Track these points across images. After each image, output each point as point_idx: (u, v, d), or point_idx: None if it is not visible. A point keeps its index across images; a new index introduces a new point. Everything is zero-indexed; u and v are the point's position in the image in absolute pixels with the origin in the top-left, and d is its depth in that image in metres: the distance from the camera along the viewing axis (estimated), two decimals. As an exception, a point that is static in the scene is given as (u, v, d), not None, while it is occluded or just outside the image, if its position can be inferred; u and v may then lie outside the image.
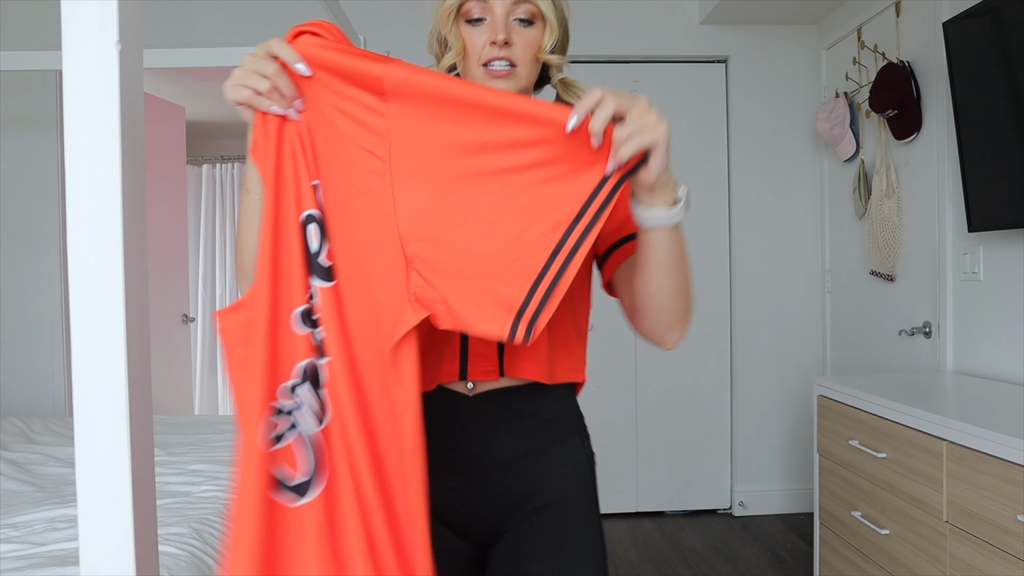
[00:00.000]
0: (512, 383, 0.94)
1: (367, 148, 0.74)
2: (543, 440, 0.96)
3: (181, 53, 2.14)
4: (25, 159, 2.94)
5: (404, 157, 0.74)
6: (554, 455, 0.96)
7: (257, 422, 0.71)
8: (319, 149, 0.77)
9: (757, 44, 3.15)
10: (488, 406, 0.94)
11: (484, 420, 0.94)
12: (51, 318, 2.95)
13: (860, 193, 2.78)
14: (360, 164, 0.75)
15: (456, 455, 0.94)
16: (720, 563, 2.66)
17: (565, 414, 0.99)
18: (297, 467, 0.73)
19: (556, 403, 0.97)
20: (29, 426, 2.38)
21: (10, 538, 1.39)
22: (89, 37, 0.57)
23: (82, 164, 0.58)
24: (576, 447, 0.99)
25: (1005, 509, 1.40)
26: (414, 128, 0.73)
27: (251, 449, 0.71)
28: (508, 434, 0.94)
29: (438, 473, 0.86)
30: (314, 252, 0.76)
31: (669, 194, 0.75)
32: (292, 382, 0.74)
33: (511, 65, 0.90)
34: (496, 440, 0.94)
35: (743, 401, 3.19)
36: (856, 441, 1.94)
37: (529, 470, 0.95)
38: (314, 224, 0.76)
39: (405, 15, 3.01)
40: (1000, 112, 1.91)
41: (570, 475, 0.97)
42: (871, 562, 1.89)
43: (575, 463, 0.98)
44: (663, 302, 0.84)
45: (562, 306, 0.88)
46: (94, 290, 0.59)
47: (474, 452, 0.93)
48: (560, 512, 0.95)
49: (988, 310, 2.13)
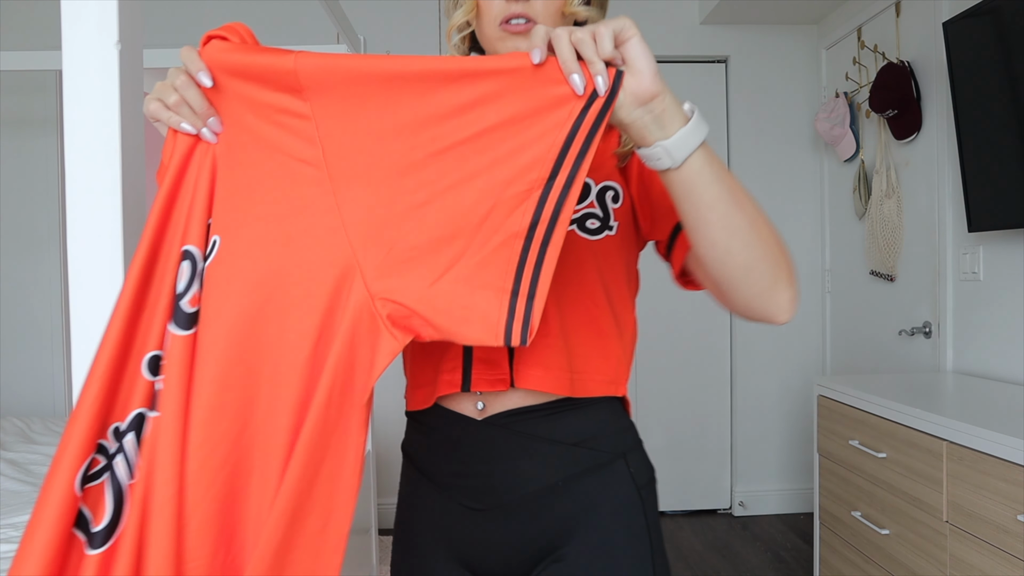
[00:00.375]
0: (527, 401, 0.78)
1: (299, 158, 0.64)
2: (573, 469, 0.78)
3: (181, 53, 2.13)
4: (25, 159, 2.93)
5: (341, 159, 0.64)
6: (590, 487, 0.78)
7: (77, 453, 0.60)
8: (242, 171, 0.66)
9: (757, 44, 3.15)
10: (500, 431, 0.78)
11: (498, 446, 0.78)
12: (51, 318, 2.95)
13: (860, 193, 2.78)
14: (295, 177, 0.64)
15: (469, 488, 0.79)
16: (720, 563, 2.66)
17: (602, 433, 0.80)
18: (99, 514, 0.61)
19: (589, 421, 0.79)
20: (29, 426, 2.37)
21: (10, 538, 1.39)
22: (89, 37, 0.57)
23: (82, 164, 0.58)
24: (621, 474, 0.80)
25: (1005, 509, 1.40)
26: (344, 123, 0.63)
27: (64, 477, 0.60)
28: (528, 464, 0.77)
29: (449, 505, 0.77)
30: (179, 293, 0.64)
31: (676, 107, 0.60)
32: (123, 426, 0.63)
33: (528, 21, 0.76)
34: (514, 472, 0.77)
35: (743, 401, 3.19)
36: (856, 441, 1.94)
37: (557, 507, 0.77)
38: (188, 263, 0.64)
39: (405, 15, 3.01)
40: (1000, 112, 1.91)
41: (613, 511, 0.78)
42: (871, 562, 1.89)
43: (620, 495, 0.79)
44: (741, 254, 0.65)
45: (590, 290, 0.78)
46: (94, 290, 0.59)
47: (492, 486, 0.78)
48: (600, 558, 0.77)
49: (988, 310, 2.13)
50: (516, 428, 0.77)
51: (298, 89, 0.62)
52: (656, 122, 0.60)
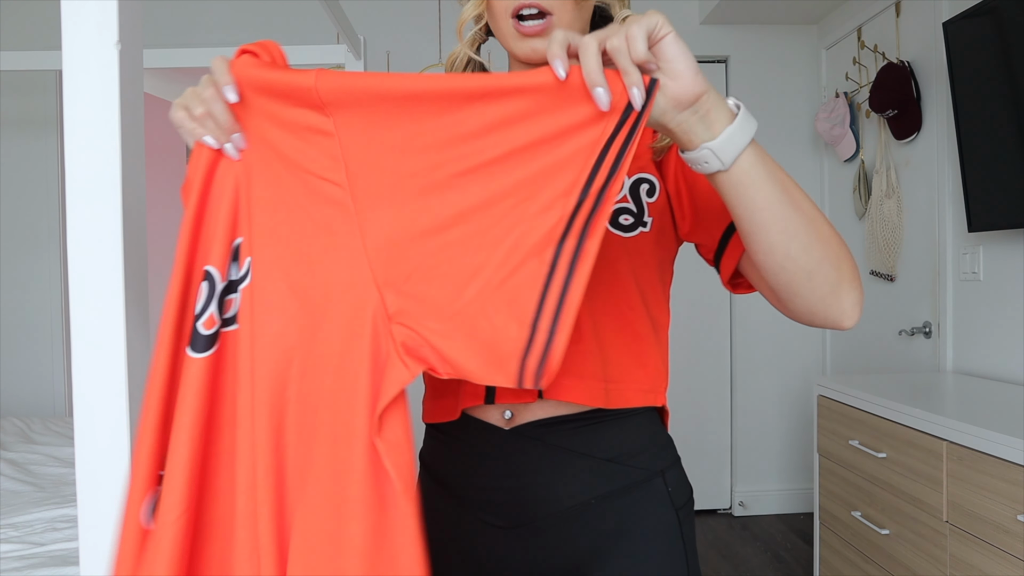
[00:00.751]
0: (559, 411, 0.72)
1: (322, 176, 0.62)
2: (608, 487, 0.72)
3: (181, 53, 2.14)
4: (25, 159, 2.93)
5: (364, 178, 0.61)
6: (624, 507, 0.72)
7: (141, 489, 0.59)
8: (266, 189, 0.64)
9: (757, 44, 3.15)
10: (529, 443, 0.72)
11: (529, 460, 0.72)
12: (51, 318, 2.95)
13: (860, 193, 2.78)
14: (318, 196, 0.62)
15: (494, 503, 0.73)
16: (720, 563, 2.66)
17: (640, 448, 0.74)
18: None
19: (625, 435, 0.74)
20: (29, 426, 2.37)
21: (10, 538, 1.39)
22: (89, 37, 0.57)
23: (82, 164, 0.58)
24: (658, 494, 0.74)
25: (1005, 509, 1.40)
26: (367, 141, 0.61)
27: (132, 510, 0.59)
28: (561, 480, 0.72)
29: (470, 521, 0.73)
30: (196, 314, 0.62)
31: (720, 104, 0.55)
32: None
33: (543, 15, 0.70)
34: (545, 488, 0.72)
35: (743, 401, 3.19)
36: (856, 441, 1.94)
37: (589, 528, 0.72)
38: (206, 283, 0.62)
39: (405, 15, 3.01)
40: (1000, 112, 1.91)
41: (649, 535, 0.72)
42: (871, 562, 1.89)
43: (657, 517, 0.73)
44: (802, 258, 0.59)
45: (624, 291, 0.72)
46: (94, 290, 0.59)
47: (520, 502, 0.72)
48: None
49: (988, 310, 2.13)
50: (549, 440, 0.71)
51: (320, 106, 0.60)
52: (702, 123, 0.55)
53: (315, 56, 2.08)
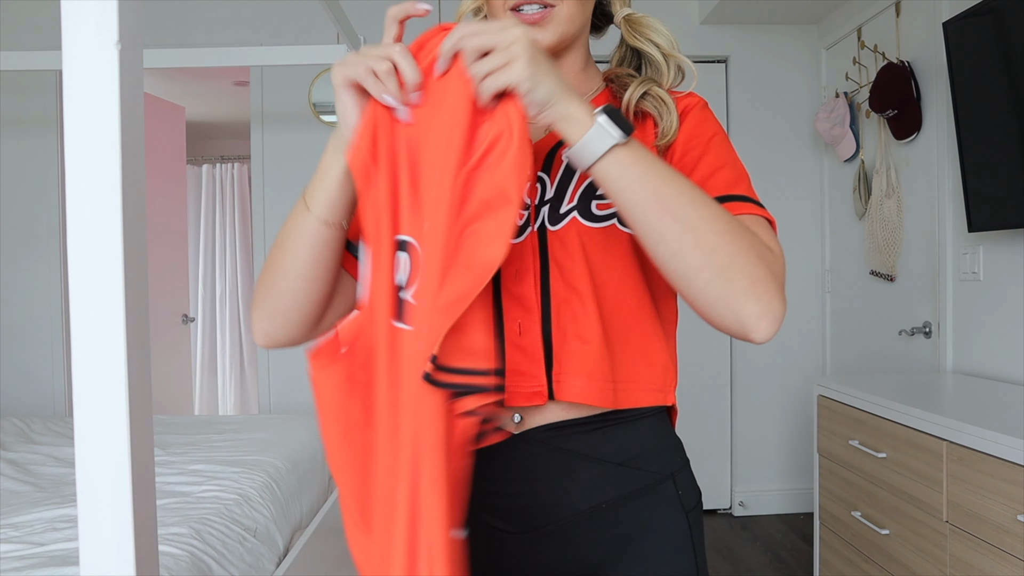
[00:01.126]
0: (568, 414, 0.71)
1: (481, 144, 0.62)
2: (619, 491, 0.72)
3: (181, 53, 2.14)
4: (25, 159, 2.94)
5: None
6: (635, 512, 0.72)
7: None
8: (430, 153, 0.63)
9: (757, 44, 3.15)
10: (539, 447, 0.71)
11: (539, 465, 0.71)
12: (51, 318, 2.95)
13: (860, 193, 2.78)
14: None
15: (502, 508, 0.72)
16: (720, 563, 2.66)
17: (650, 451, 0.74)
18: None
19: (635, 437, 0.73)
20: (29, 426, 2.37)
21: (10, 538, 1.39)
22: (89, 37, 0.57)
23: (82, 164, 0.58)
24: (669, 498, 0.73)
25: (1005, 509, 1.40)
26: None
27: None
28: (572, 484, 0.71)
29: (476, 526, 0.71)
30: (399, 285, 0.62)
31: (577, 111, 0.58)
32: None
33: (545, 6, 0.70)
34: (556, 492, 0.71)
35: (743, 401, 3.19)
36: (856, 441, 1.94)
37: (599, 533, 0.71)
38: (404, 254, 0.62)
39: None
40: (1000, 112, 1.91)
41: (660, 539, 0.72)
42: (871, 562, 1.89)
43: (668, 521, 0.73)
44: (670, 262, 0.60)
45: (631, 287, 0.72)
46: (94, 290, 0.59)
47: (530, 507, 0.72)
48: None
49: (988, 310, 2.13)
50: (559, 444, 0.71)
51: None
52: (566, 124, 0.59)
53: (315, 56, 2.08)
